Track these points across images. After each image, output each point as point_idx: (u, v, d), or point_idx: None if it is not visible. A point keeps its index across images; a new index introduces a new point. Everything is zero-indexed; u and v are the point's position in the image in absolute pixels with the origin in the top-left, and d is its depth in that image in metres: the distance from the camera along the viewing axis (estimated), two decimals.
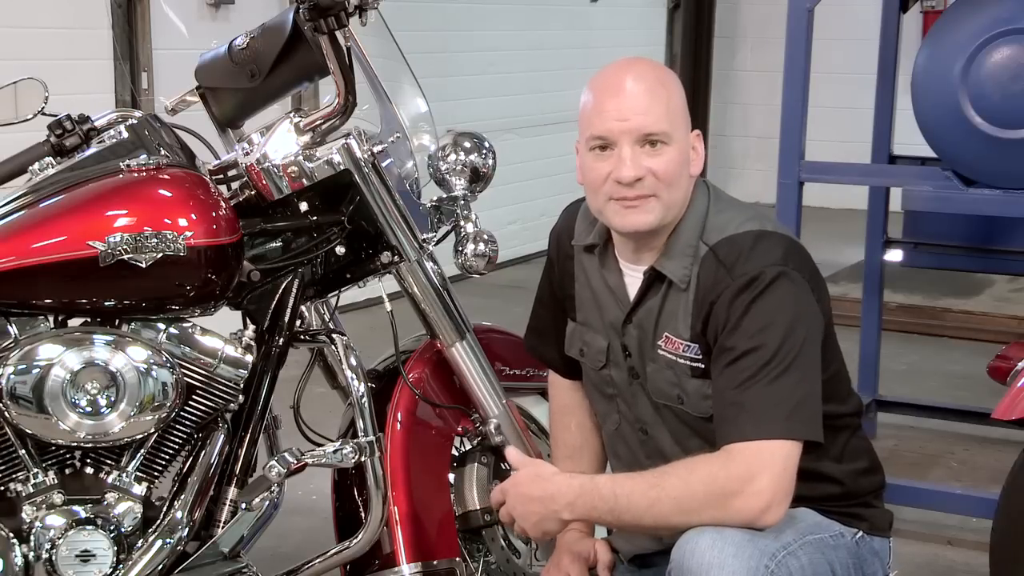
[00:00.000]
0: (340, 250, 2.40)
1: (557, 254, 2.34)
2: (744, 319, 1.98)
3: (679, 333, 2.09)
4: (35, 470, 2.22)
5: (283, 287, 2.36)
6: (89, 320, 2.27)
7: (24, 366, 2.17)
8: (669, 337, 2.10)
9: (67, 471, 2.27)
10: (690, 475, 1.96)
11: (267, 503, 2.29)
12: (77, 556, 2.20)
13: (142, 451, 2.26)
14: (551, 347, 2.40)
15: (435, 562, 2.41)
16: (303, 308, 2.46)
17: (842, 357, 2.16)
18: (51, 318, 2.26)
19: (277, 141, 2.33)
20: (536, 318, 2.45)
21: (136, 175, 2.23)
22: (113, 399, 2.19)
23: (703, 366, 2.06)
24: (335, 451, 2.31)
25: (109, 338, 2.21)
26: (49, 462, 2.25)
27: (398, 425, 2.47)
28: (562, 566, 2.26)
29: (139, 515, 2.25)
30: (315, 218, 2.37)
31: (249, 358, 2.30)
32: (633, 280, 2.16)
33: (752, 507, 1.92)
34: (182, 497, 2.26)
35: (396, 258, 2.42)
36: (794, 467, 1.95)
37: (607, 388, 2.26)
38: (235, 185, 2.42)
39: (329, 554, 2.41)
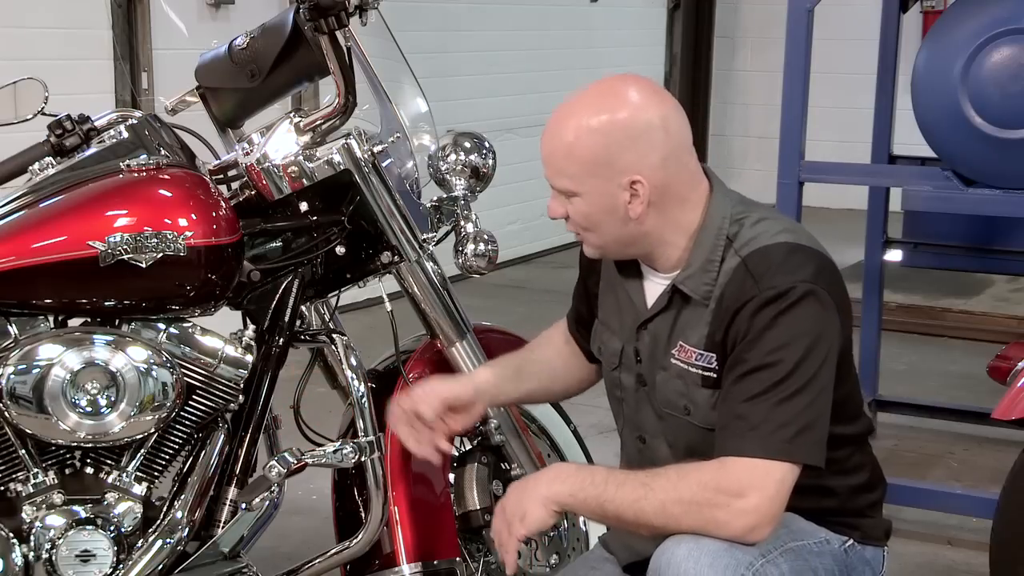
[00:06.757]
0: (340, 250, 2.40)
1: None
2: (766, 332, 1.94)
3: (694, 342, 2.05)
4: (35, 470, 2.22)
5: (283, 287, 2.36)
6: (89, 320, 2.27)
7: (24, 366, 2.17)
8: (683, 346, 2.06)
9: (67, 471, 2.27)
10: (680, 480, 1.93)
11: (267, 503, 2.29)
12: (77, 556, 2.20)
13: (142, 451, 2.26)
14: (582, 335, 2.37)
15: (435, 562, 2.41)
16: (303, 308, 2.46)
17: (856, 378, 2.12)
18: (51, 318, 2.26)
19: (277, 141, 2.33)
20: (573, 309, 2.40)
21: (136, 175, 2.23)
22: (113, 399, 2.19)
23: (715, 376, 2.02)
24: (335, 451, 2.31)
25: (109, 338, 2.21)
26: (49, 462, 2.25)
27: None
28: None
29: (139, 515, 2.25)
30: (315, 218, 2.37)
31: (249, 358, 2.30)
32: (653, 286, 2.13)
33: (736, 524, 1.88)
34: (182, 497, 2.26)
35: (396, 258, 2.41)
36: (787, 491, 1.91)
37: (616, 391, 2.24)
38: (235, 185, 2.42)
39: (329, 554, 2.41)
